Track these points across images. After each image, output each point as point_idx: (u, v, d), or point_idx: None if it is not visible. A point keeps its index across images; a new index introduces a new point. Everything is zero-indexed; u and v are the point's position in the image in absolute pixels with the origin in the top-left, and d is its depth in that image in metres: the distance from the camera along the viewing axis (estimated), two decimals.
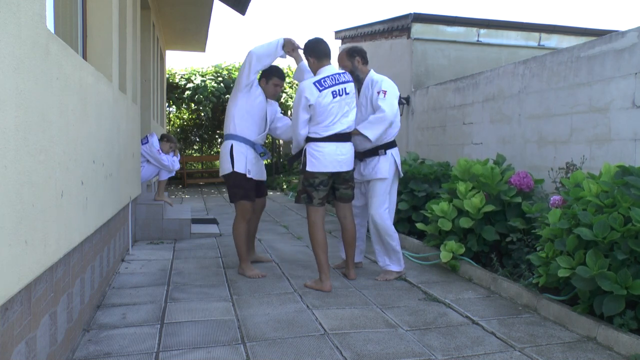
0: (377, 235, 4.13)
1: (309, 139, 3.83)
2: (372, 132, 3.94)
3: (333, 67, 3.91)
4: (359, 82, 4.11)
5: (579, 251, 3.07)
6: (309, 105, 3.72)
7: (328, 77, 3.79)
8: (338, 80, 3.81)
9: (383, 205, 4.09)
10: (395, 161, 4.14)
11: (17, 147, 1.77)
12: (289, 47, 4.16)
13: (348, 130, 3.85)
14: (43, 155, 2.07)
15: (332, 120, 3.76)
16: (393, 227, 4.14)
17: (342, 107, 3.78)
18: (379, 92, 3.98)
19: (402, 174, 4.31)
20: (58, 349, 2.43)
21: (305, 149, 3.85)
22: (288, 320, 3.16)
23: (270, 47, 4.13)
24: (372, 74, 4.14)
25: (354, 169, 4.03)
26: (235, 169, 4.11)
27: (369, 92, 4.07)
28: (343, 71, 3.94)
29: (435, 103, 7.64)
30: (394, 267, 4.17)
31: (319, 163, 3.77)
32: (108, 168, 3.58)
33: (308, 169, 3.79)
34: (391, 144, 4.17)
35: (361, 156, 4.13)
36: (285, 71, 11.52)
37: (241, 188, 4.14)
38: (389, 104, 3.97)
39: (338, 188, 3.98)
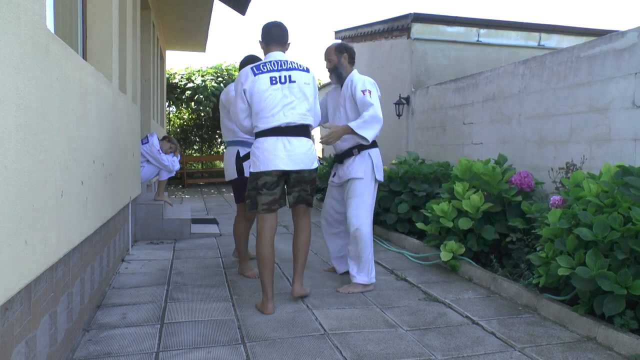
0: (354, 241, 3.83)
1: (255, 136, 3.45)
2: (368, 132, 3.69)
3: (282, 53, 3.47)
4: (341, 80, 3.99)
5: (579, 251, 3.07)
6: (244, 91, 3.34)
7: (270, 62, 3.37)
8: (282, 66, 3.36)
9: (362, 207, 3.80)
10: (372, 162, 3.87)
11: (17, 147, 1.77)
12: None
13: (296, 124, 3.34)
14: (43, 155, 2.07)
15: (272, 111, 3.29)
16: (371, 234, 3.83)
17: (285, 96, 3.31)
18: (364, 91, 3.79)
19: (381, 179, 3.95)
20: (58, 349, 2.43)
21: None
22: (288, 320, 3.16)
23: None
24: (354, 74, 3.96)
25: (316, 170, 3.52)
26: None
27: (347, 91, 3.92)
28: (292, 60, 3.47)
29: (435, 103, 7.64)
30: (361, 279, 3.82)
31: (259, 162, 3.32)
32: (108, 168, 3.58)
33: (250, 169, 3.40)
34: (369, 145, 3.89)
35: (340, 158, 3.99)
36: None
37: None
38: (376, 101, 3.80)
39: (290, 192, 3.45)
